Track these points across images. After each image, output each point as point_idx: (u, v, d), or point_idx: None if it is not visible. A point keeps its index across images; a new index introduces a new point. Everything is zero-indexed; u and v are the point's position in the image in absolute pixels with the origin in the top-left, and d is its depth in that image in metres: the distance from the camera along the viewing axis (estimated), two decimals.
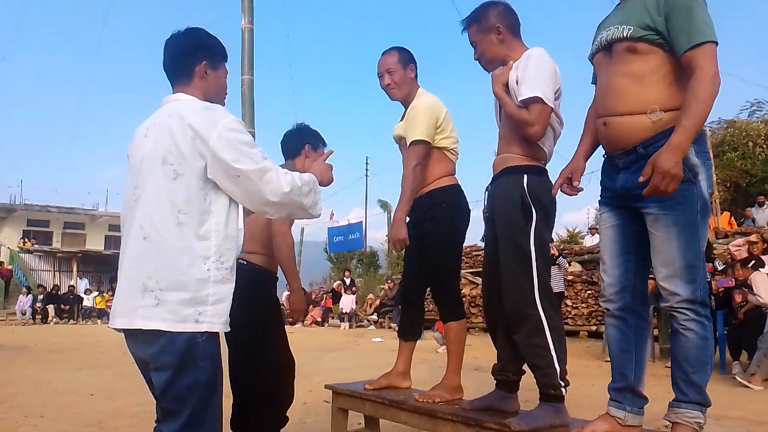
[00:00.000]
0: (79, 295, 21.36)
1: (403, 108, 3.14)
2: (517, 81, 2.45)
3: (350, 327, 15.64)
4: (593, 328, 11.26)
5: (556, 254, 9.72)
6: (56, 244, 28.87)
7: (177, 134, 1.82)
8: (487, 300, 2.71)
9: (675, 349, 2.19)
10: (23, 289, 20.71)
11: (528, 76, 2.41)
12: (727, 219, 13.06)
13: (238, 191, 1.87)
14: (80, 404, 5.20)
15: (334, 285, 18.43)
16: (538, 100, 2.38)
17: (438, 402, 2.77)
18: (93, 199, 34.54)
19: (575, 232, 23.89)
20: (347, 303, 16.32)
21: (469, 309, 13.03)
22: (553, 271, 9.45)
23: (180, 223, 1.80)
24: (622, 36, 2.18)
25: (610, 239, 2.36)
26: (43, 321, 19.61)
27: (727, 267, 7.76)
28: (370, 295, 16.98)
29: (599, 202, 2.44)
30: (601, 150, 2.41)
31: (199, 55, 1.99)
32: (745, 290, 6.81)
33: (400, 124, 3.07)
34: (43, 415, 4.74)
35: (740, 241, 7.17)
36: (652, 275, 2.28)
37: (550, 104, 2.41)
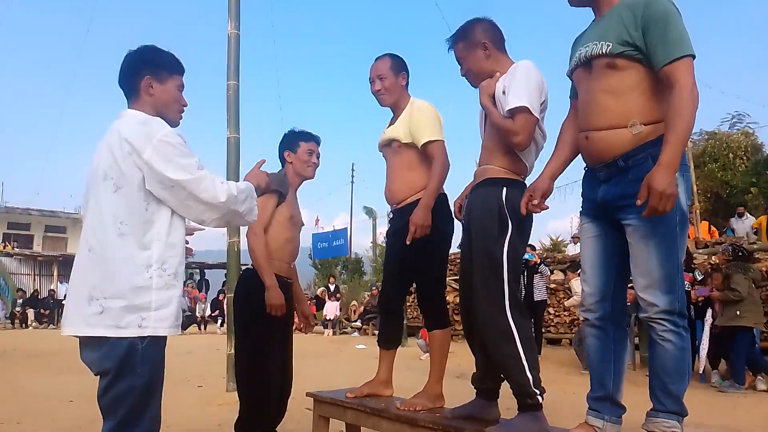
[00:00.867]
0: (60, 300, 21.07)
1: (392, 114, 3.16)
2: (503, 91, 2.48)
3: (334, 334, 15.62)
4: (575, 335, 11.33)
5: (538, 262, 9.76)
6: (37, 248, 28.45)
7: (115, 150, 1.93)
8: (464, 310, 2.73)
9: (653, 360, 2.21)
10: None
11: (514, 86, 2.44)
12: (707, 228, 13.22)
13: (174, 201, 1.97)
14: (59, 410, 5.14)
15: (318, 291, 18.38)
16: (524, 109, 2.41)
17: (419, 410, 2.77)
18: (75, 202, 34.06)
19: (558, 240, 24.07)
20: (331, 309, 16.28)
21: (453, 316, 12.97)
22: (535, 279, 9.48)
23: (121, 233, 1.91)
24: (601, 52, 2.20)
25: (591, 249, 2.39)
26: (22, 325, 19.32)
27: (706, 276, 7.86)
28: (354, 302, 16.96)
29: (580, 213, 2.47)
30: (582, 161, 2.45)
31: (142, 70, 2.09)
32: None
33: (393, 128, 3.07)
34: (20, 422, 4.68)
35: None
36: (632, 285, 2.31)
37: (536, 114, 2.44)
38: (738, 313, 6.58)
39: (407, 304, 10.89)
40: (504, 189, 2.48)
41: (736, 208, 14.16)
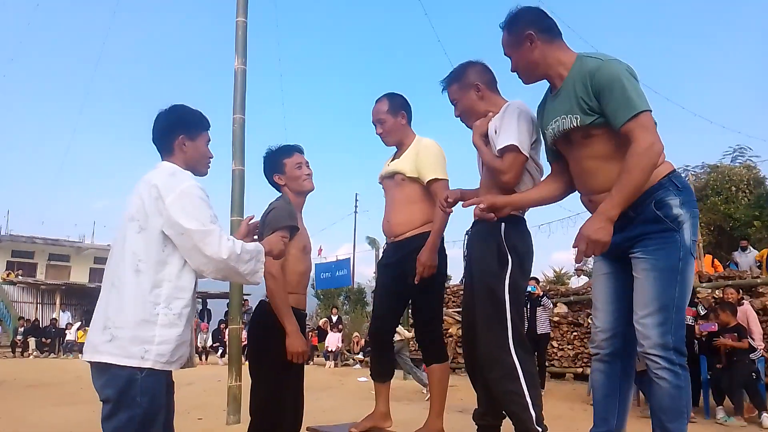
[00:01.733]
0: (61, 329, 21.00)
1: (396, 149, 3.25)
2: (495, 131, 2.55)
3: (335, 365, 15.45)
4: (579, 370, 11.19)
5: (541, 294, 9.71)
6: (40, 276, 28.45)
7: (144, 195, 2.15)
8: (467, 341, 2.74)
9: (651, 398, 2.23)
10: None
11: (504, 126, 2.51)
12: (710, 262, 13.16)
13: (181, 247, 2.13)
14: None
15: (320, 322, 18.26)
16: (513, 148, 2.47)
17: None
18: (80, 231, 34.16)
19: (561, 272, 23.92)
20: (333, 341, 16.13)
21: (455, 348, 12.94)
22: (538, 311, 9.41)
23: (138, 270, 2.09)
24: (573, 126, 2.26)
25: (603, 286, 2.41)
26: (23, 354, 19.23)
27: (709, 311, 7.79)
28: (356, 333, 16.83)
29: None
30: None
31: (177, 131, 2.33)
32: (734, 334, 6.83)
33: (399, 162, 3.15)
34: None
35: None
36: None
37: (525, 153, 2.49)
38: None
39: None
40: (503, 225, 2.52)
41: (739, 242, 14.13)
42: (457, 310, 13.75)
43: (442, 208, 2.66)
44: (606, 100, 2.14)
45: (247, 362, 3.02)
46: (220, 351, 16.85)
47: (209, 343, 18.24)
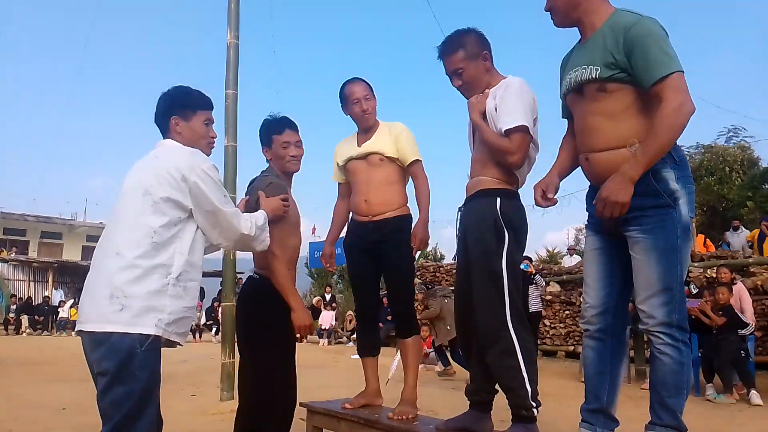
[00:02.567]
0: (54, 306, 20.98)
1: (360, 132, 3.32)
2: (495, 108, 2.49)
3: (329, 343, 15.55)
4: (571, 348, 11.31)
5: (534, 273, 9.76)
6: (32, 254, 28.35)
7: (161, 172, 2.17)
8: (460, 321, 2.74)
9: (652, 373, 2.23)
10: None
11: (510, 105, 2.44)
12: (702, 242, 13.23)
13: (203, 222, 2.23)
14: (52, 418, 5.11)
15: (314, 301, 18.32)
16: (522, 128, 2.42)
17: (411, 418, 2.82)
18: (72, 209, 34.02)
19: (555, 252, 24.06)
20: (327, 319, 16.23)
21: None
22: (531, 290, 9.46)
23: (151, 242, 2.11)
24: (590, 77, 2.22)
25: (595, 262, 2.40)
26: (16, 332, 19.23)
27: (701, 290, 7.86)
28: (350, 312, 16.90)
29: (585, 227, 2.51)
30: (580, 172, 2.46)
31: (170, 112, 2.38)
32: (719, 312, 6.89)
33: (374, 142, 3.21)
34: (12, 429, 4.65)
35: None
36: (632, 298, 2.32)
37: (532, 133, 2.46)
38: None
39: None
40: (498, 200, 2.49)
41: (731, 222, 14.21)
42: (452, 289, 13.81)
43: (543, 204, 2.42)
44: (637, 58, 2.11)
45: (237, 341, 2.96)
46: (214, 329, 16.91)
47: (203, 320, 18.30)
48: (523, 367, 2.37)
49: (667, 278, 2.14)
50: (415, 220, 3.14)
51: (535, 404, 2.37)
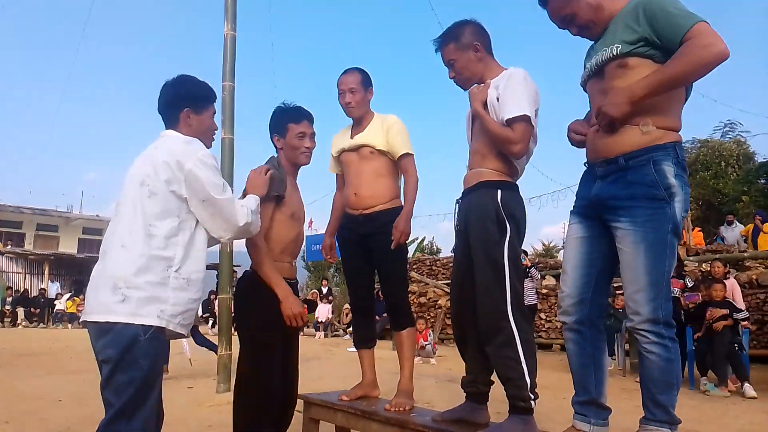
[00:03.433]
0: (50, 299, 20.95)
1: (353, 124, 3.30)
2: (497, 98, 2.48)
3: (325, 336, 15.58)
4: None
5: (529, 265, 9.78)
6: (28, 246, 28.26)
7: (158, 162, 2.17)
8: (457, 312, 2.74)
9: (641, 370, 2.23)
10: None
11: (513, 96, 2.44)
12: (701, 236, 13.30)
13: (203, 214, 2.22)
14: (48, 410, 5.12)
15: (310, 294, 18.34)
16: (525, 118, 2.42)
17: (408, 409, 2.84)
18: (68, 201, 33.78)
19: (550, 245, 24.13)
20: (323, 312, 16.23)
21: (444, 320, 13.07)
22: (526, 283, 9.46)
23: (150, 234, 2.13)
24: (612, 55, 2.21)
25: (576, 250, 2.39)
26: (12, 324, 19.21)
27: (697, 284, 7.90)
28: (347, 305, 16.92)
29: (571, 213, 2.47)
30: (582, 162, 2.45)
31: (183, 104, 2.33)
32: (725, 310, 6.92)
33: (365, 135, 3.20)
34: (8, 421, 4.66)
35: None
36: (622, 292, 2.32)
37: (534, 124, 2.46)
38: None
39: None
40: (499, 191, 2.49)
41: (726, 217, 14.26)
42: (447, 282, 13.84)
43: (584, 136, 2.42)
44: (660, 22, 2.08)
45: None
46: (210, 321, 16.92)
47: (199, 313, 18.29)
48: (523, 359, 2.37)
49: (653, 272, 2.12)
50: None
51: (532, 396, 2.37)
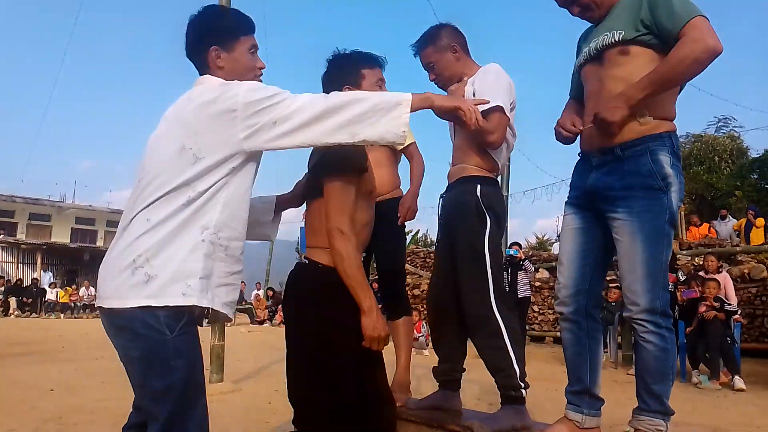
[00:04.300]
0: (43, 289, 20.90)
1: None
2: (474, 93, 2.52)
3: None
4: (559, 333, 11.34)
5: (523, 258, 9.79)
6: (21, 235, 28.15)
7: (199, 116, 1.75)
8: (436, 303, 2.77)
9: (637, 360, 2.24)
10: None
11: (486, 88, 2.48)
12: (706, 229, 13.33)
13: (276, 141, 1.76)
14: (39, 399, 5.11)
15: None
16: (499, 108, 2.45)
17: (402, 404, 2.83)
18: (60, 191, 33.72)
19: (544, 238, 24.21)
20: None
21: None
22: (520, 275, 9.47)
23: (184, 197, 1.73)
24: (613, 41, 2.19)
25: (572, 241, 2.40)
26: (4, 314, 19.16)
27: (689, 278, 7.93)
28: None
29: (566, 204, 2.47)
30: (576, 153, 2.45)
31: (207, 42, 1.88)
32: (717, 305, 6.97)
33: None
34: None
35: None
36: (617, 285, 2.33)
37: (508, 114, 2.48)
38: None
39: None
40: (478, 186, 2.54)
41: (719, 211, 14.33)
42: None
43: (574, 131, 2.34)
44: (661, 11, 2.08)
45: (289, 351, 2.13)
46: None
47: None
48: (510, 348, 2.40)
49: (651, 263, 2.12)
50: None
51: (523, 385, 2.39)
